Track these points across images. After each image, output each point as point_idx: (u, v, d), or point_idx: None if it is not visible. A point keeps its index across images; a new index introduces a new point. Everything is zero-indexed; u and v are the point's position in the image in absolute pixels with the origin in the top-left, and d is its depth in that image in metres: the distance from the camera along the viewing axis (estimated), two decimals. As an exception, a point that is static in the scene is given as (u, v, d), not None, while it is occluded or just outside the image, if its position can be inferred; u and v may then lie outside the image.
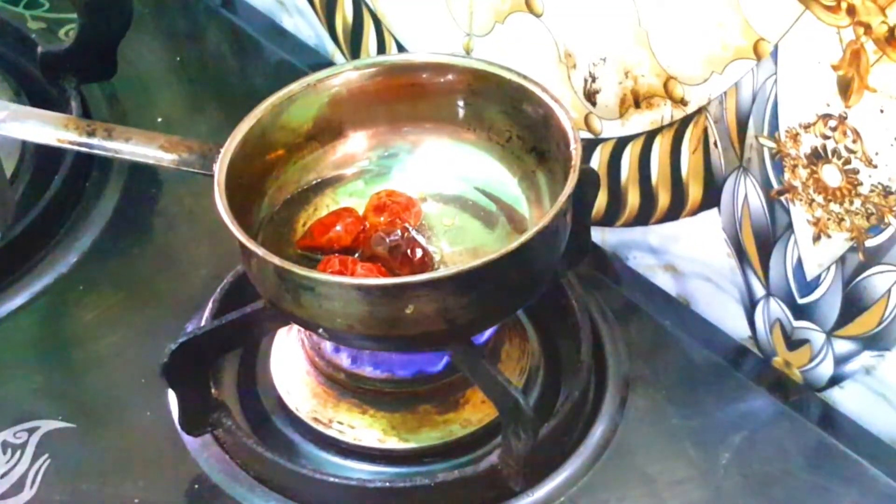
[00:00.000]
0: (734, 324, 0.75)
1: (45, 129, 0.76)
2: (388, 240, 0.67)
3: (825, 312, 0.69)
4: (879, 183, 0.62)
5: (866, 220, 0.64)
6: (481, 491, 0.66)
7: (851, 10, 0.59)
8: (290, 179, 0.72)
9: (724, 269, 0.74)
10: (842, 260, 0.67)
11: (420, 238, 0.68)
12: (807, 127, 0.64)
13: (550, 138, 0.68)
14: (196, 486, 0.67)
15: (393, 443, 0.68)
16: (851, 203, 0.64)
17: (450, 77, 0.71)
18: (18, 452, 0.68)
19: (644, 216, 0.77)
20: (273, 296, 0.64)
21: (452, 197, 0.72)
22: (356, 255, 0.68)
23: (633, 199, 0.77)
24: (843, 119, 0.62)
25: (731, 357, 0.75)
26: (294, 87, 0.71)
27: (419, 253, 0.66)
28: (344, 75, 0.72)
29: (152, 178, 0.85)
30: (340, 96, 0.72)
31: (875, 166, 0.62)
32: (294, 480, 0.66)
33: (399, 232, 0.67)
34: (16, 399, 0.72)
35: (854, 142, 0.62)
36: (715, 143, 0.70)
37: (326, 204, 0.72)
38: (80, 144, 0.75)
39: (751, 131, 0.68)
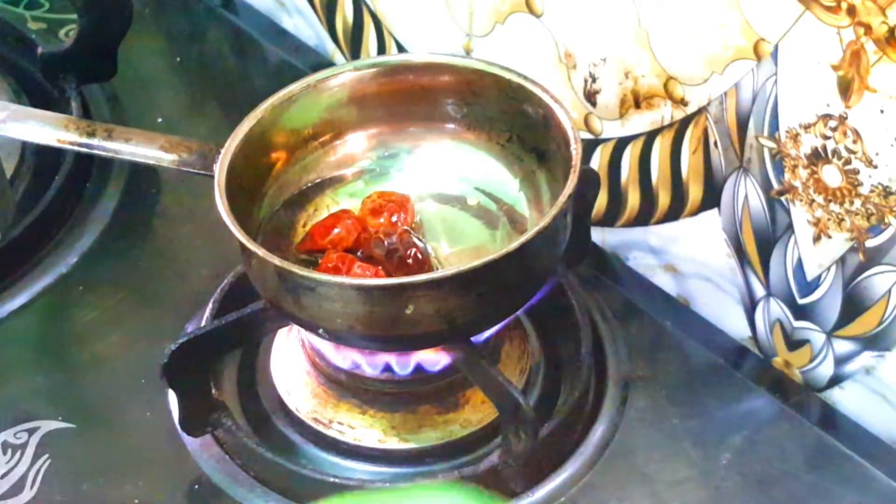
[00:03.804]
0: (734, 324, 0.75)
1: (45, 129, 0.76)
2: (385, 242, 0.67)
3: (825, 313, 0.69)
4: (879, 183, 0.62)
5: (866, 220, 0.64)
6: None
7: (851, 11, 0.59)
8: (291, 180, 0.72)
9: (724, 270, 0.74)
10: (842, 260, 0.67)
11: (419, 241, 0.68)
12: (807, 127, 0.64)
13: (550, 138, 0.68)
14: (196, 487, 0.67)
15: (393, 443, 0.68)
16: (852, 203, 0.64)
17: (450, 77, 0.71)
18: (19, 453, 0.68)
19: (644, 216, 0.77)
20: (273, 296, 0.64)
21: (452, 197, 0.72)
22: (357, 254, 0.68)
23: (633, 199, 0.77)
24: (843, 119, 0.62)
25: (731, 357, 0.75)
26: (294, 87, 0.71)
27: (418, 256, 0.66)
28: (344, 76, 0.72)
29: (152, 178, 0.85)
30: (340, 97, 0.72)
31: (875, 166, 0.62)
32: (294, 480, 0.66)
33: (397, 235, 0.67)
34: (16, 399, 0.72)
35: (854, 142, 0.62)
36: (715, 144, 0.70)
37: (326, 204, 0.72)
38: (80, 145, 0.75)
39: (751, 131, 0.68)
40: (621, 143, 0.76)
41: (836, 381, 0.71)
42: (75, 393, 0.73)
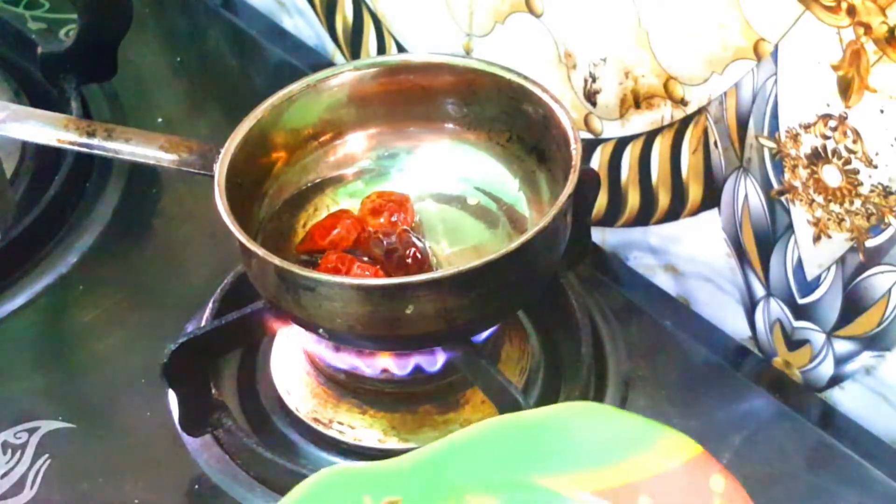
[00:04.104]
0: (734, 324, 0.75)
1: (45, 129, 0.76)
2: (385, 242, 0.67)
3: (825, 313, 0.69)
4: (879, 183, 0.62)
5: (866, 220, 0.64)
6: (481, 491, 0.66)
7: (851, 11, 0.59)
8: (291, 180, 0.72)
9: (724, 270, 0.74)
10: (842, 260, 0.67)
11: (419, 242, 0.68)
12: (807, 127, 0.64)
13: (550, 138, 0.68)
14: (196, 487, 0.67)
15: (393, 443, 0.68)
16: (852, 203, 0.64)
17: (450, 77, 0.71)
18: (18, 453, 0.68)
19: (644, 216, 0.77)
20: (273, 296, 0.64)
21: (452, 197, 0.72)
22: (356, 254, 0.68)
23: (633, 199, 0.77)
24: (843, 119, 0.62)
25: (731, 357, 0.75)
26: (294, 87, 0.71)
27: (417, 256, 0.66)
28: (344, 76, 0.72)
29: (152, 178, 0.85)
30: (340, 97, 0.72)
31: (875, 166, 0.62)
32: (294, 480, 0.66)
33: (396, 235, 0.67)
34: (16, 399, 0.72)
35: (854, 142, 0.62)
36: (715, 144, 0.70)
37: (326, 204, 0.72)
38: (80, 145, 0.75)
39: (751, 131, 0.68)
40: (621, 143, 0.76)
41: (836, 381, 0.71)
42: (75, 393, 0.73)
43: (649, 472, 0.56)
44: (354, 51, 0.93)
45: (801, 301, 0.70)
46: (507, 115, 0.71)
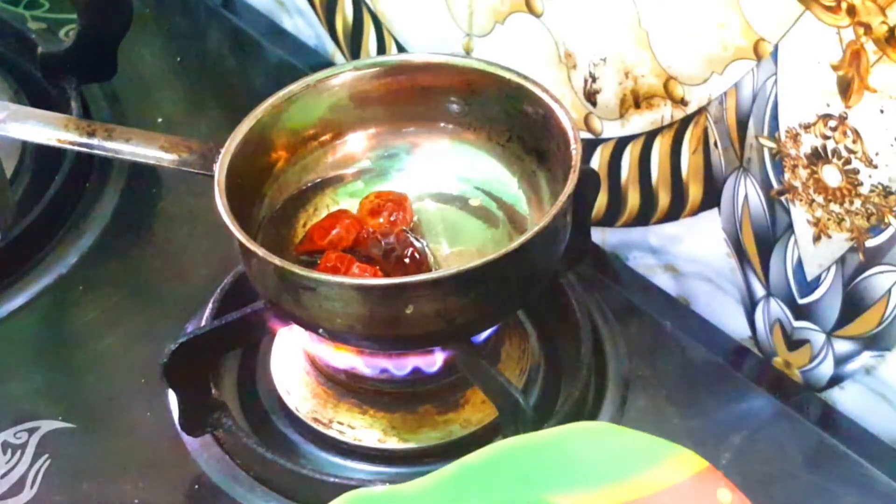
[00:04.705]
0: (734, 324, 0.75)
1: (45, 129, 0.76)
2: (383, 242, 0.67)
3: (825, 313, 0.69)
4: (879, 183, 0.62)
5: (866, 220, 0.64)
6: (481, 491, 0.66)
7: (851, 11, 0.59)
8: (290, 180, 0.72)
9: (724, 270, 0.74)
10: (842, 260, 0.67)
11: (417, 242, 0.68)
12: (807, 127, 0.64)
13: (550, 138, 0.68)
14: (196, 487, 0.67)
15: (393, 443, 0.68)
16: (851, 203, 0.64)
17: (449, 77, 0.71)
18: (18, 453, 0.69)
19: (644, 216, 0.77)
20: (273, 296, 0.64)
21: (452, 197, 0.72)
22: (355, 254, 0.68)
23: (633, 199, 0.77)
24: (843, 119, 0.62)
25: (731, 357, 0.75)
26: (294, 87, 0.71)
27: (416, 256, 0.66)
28: (344, 75, 0.72)
29: (152, 178, 0.85)
30: (340, 97, 0.72)
31: (875, 166, 0.62)
32: (294, 480, 0.66)
33: (394, 235, 0.67)
34: (16, 399, 0.72)
35: (854, 142, 0.62)
36: (715, 144, 0.70)
37: (326, 204, 0.72)
38: (80, 145, 0.75)
39: (751, 131, 0.68)
40: (621, 143, 0.76)
41: (836, 381, 0.71)
42: (75, 393, 0.73)
43: (658, 487, 0.57)
44: (354, 51, 0.93)
45: (801, 301, 0.70)
46: (507, 115, 0.71)
